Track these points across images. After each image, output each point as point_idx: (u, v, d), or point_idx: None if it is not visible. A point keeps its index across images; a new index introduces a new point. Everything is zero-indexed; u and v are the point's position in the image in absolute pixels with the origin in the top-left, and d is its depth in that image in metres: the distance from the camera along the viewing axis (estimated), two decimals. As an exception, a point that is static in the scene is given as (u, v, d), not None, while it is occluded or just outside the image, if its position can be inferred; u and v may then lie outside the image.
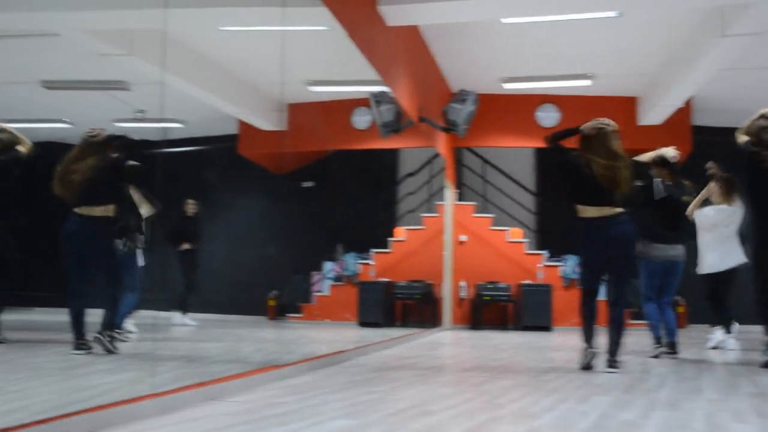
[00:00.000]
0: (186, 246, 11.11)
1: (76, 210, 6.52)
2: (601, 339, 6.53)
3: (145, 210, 8.30)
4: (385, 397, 4.88)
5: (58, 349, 7.09)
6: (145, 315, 9.44)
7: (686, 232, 8.26)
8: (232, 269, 14.69)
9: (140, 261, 8.40)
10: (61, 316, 12.57)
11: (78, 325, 6.44)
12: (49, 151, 9.17)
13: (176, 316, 10.80)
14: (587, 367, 6.44)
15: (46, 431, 3.22)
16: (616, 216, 6.35)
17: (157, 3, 5.69)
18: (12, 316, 7.55)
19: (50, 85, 11.72)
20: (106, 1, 7.48)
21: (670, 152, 7.70)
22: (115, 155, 6.78)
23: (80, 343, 6.39)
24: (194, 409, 4.14)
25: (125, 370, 5.76)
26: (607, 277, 6.55)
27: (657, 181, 7.76)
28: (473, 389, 5.35)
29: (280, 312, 13.79)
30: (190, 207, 11.34)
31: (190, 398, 4.30)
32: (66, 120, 13.97)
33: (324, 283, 13.89)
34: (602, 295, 6.57)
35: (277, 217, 13.72)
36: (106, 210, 6.60)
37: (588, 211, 6.39)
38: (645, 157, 7.55)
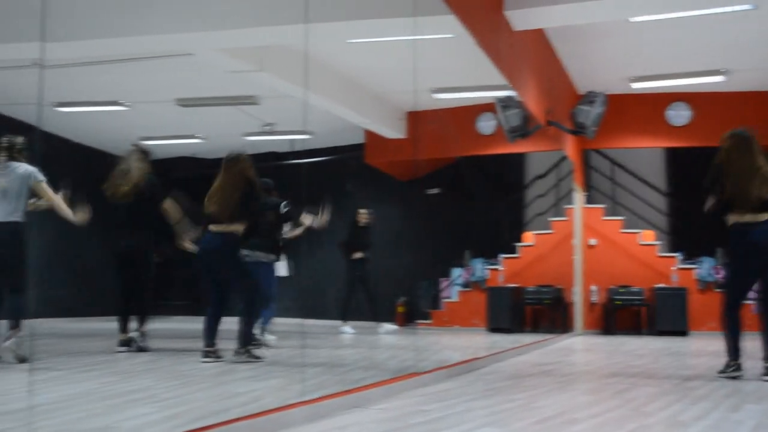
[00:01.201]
0: (359, 255, 11.37)
1: (212, 227, 6.77)
2: (750, 344, 6.28)
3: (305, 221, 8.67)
4: (528, 404, 4.84)
5: (200, 356, 7.35)
6: (286, 323, 9.76)
7: None
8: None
9: (282, 271, 8.69)
10: (197, 324, 13.06)
11: (209, 333, 6.72)
12: (183, 165, 9.56)
13: (345, 326, 11.12)
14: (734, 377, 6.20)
15: (207, 437, 3.36)
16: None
17: (297, 19, 5.81)
18: (151, 326, 7.91)
19: (184, 102, 12.22)
20: (240, 20, 7.72)
21: None
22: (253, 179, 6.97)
23: (208, 351, 6.67)
24: (341, 417, 4.22)
25: (269, 377, 5.92)
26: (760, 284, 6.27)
27: None
28: (616, 397, 5.24)
29: (409, 318, 13.88)
30: (363, 216, 11.58)
31: (336, 406, 4.38)
32: (199, 135, 14.54)
33: (452, 289, 13.90)
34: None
35: (404, 224, 13.85)
36: (237, 227, 6.79)
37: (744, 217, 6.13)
38: None
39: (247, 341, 6.74)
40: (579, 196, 13.53)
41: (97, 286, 14.94)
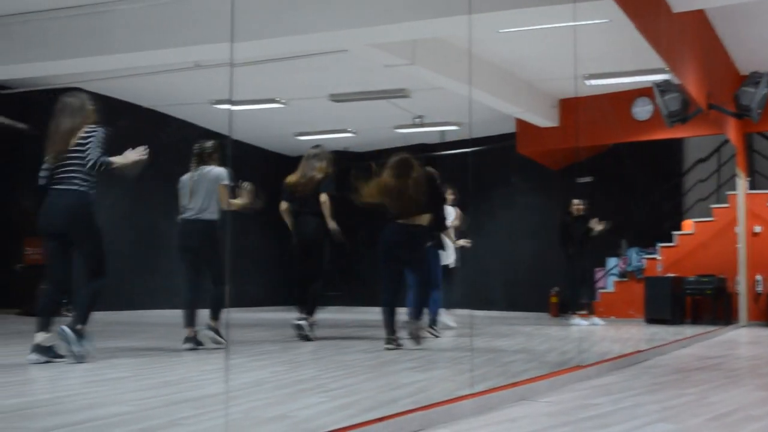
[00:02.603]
0: (577, 247, 11.41)
1: (399, 220, 7.09)
2: None
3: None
4: (700, 400, 4.70)
5: (361, 346, 7.51)
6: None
7: None
8: (512, 266, 14.79)
9: (450, 262, 8.94)
10: (353, 314, 13.36)
11: (390, 322, 7.04)
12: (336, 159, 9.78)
13: (577, 319, 11.19)
14: None
15: (382, 429, 3.44)
16: None
17: (459, 10, 5.85)
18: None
19: (337, 98, 12.48)
20: (398, 14, 7.80)
21: None
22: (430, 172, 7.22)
23: (391, 338, 6.98)
24: (509, 410, 4.23)
25: (431, 368, 5.99)
26: None
27: None
28: (794, 393, 5.01)
29: (562, 309, 13.69)
30: (577, 208, 11.58)
31: (503, 398, 4.40)
32: (350, 130, 14.81)
33: (608, 279, 13.61)
34: None
35: (557, 213, 13.63)
36: (422, 219, 7.13)
37: None
38: None
39: (416, 328, 7.12)
40: (742, 182, 12.93)
41: (268, 278, 15.56)
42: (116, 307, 11.46)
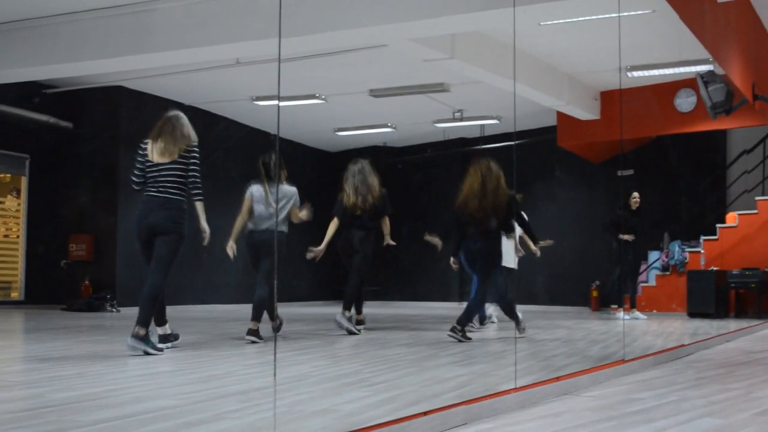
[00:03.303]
0: (626, 237, 11.45)
1: (474, 227, 7.40)
2: None
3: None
4: (746, 395, 4.65)
5: (403, 340, 7.53)
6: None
7: None
8: (553, 261, 14.69)
9: (512, 264, 9.09)
10: (394, 309, 13.34)
11: (471, 317, 7.47)
12: (375, 154, 9.85)
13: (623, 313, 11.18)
14: None
15: (426, 423, 3.46)
16: None
17: (504, 3, 5.79)
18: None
19: (377, 93, 12.50)
20: (438, 8, 7.79)
21: None
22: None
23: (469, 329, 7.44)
24: (553, 404, 4.22)
25: (471, 363, 5.98)
26: None
27: None
28: (844, 388, 4.93)
29: (603, 303, 13.60)
30: (634, 200, 11.60)
31: (546, 393, 4.39)
32: (390, 124, 14.82)
33: (650, 273, 13.48)
34: None
35: (598, 207, 13.55)
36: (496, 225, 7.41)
37: None
38: None
39: (467, 322, 7.35)
40: (789, 174, 12.75)
41: (313, 274, 15.63)
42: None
